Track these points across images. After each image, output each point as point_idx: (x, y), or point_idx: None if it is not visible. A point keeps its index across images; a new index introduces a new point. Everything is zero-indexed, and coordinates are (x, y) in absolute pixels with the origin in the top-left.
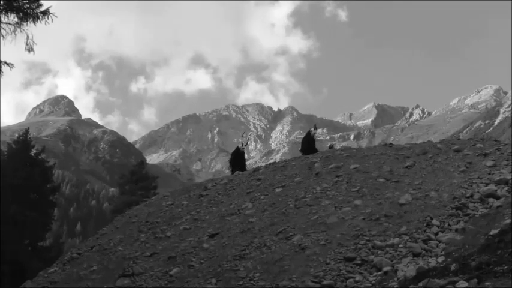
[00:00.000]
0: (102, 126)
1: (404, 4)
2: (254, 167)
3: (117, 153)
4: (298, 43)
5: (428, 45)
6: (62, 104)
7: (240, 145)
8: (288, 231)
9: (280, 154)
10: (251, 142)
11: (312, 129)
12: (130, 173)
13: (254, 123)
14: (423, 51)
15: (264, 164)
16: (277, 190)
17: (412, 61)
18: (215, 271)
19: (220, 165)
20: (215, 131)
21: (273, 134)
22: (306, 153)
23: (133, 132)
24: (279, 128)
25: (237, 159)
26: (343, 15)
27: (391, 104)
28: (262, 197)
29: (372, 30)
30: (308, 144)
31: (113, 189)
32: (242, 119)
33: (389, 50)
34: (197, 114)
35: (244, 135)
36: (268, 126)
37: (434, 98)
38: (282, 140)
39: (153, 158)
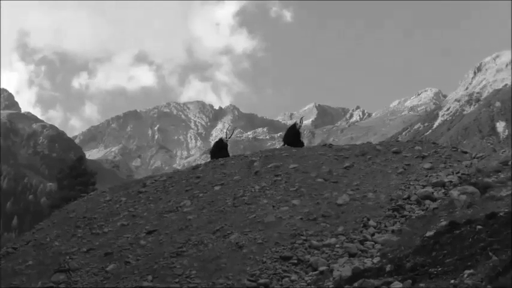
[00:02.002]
0: (41, 121)
1: (348, 4)
2: (193, 164)
3: (56, 148)
4: (243, 43)
5: (370, 47)
6: (2, 98)
7: (224, 136)
8: (225, 230)
9: None
10: (191, 140)
11: (298, 122)
12: (69, 168)
13: (195, 121)
14: (365, 53)
15: (203, 162)
16: (216, 188)
17: (354, 63)
18: (151, 268)
19: (159, 162)
20: (155, 128)
21: (214, 132)
22: (291, 146)
23: (75, 128)
24: (219, 126)
25: (220, 151)
26: (288, 15)
27: (331, 105)
28: (200, 195)
29: (316, 31)
30: (293, 137)
31: (51, 184)
32: (183, 116)
33: (332, 51)
34: (138, 110)
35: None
36: (209, 124)
37: (375, 100)
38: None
39: (93, 154)
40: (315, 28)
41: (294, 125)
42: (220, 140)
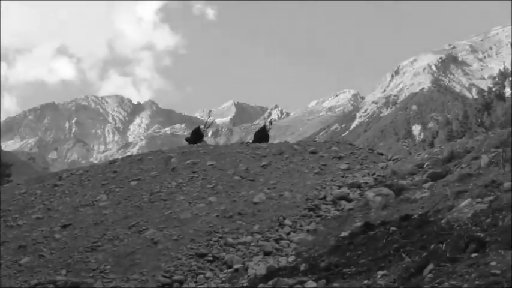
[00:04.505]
0: None
1: (271, 4)
2: (110, 159)
3: None
4: (165, 39)
5: (290, 47)
6: None
7: (202, 126)
8: (141, 225)
9: (137, 147)
10: (108, 134)
11: (268, 124)
12: None
13: (113, 115)
14: (285, 53)
15: (120, 157)
16: (133, 183)
17: (275, 62)
18: (66, 262)
19: (76, 155)
20: (73, 121)
21: (131, 127)
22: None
23: None
24: (137, 121)
25: (197, 139)
26: (211, 13)
27: (250, 103)
28: (117, 190)
29: (238, 30)
30: (262, 136)
31: None
32: (101, 110)
33: (253, 49)
34: (55, 103)
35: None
36: (127, 118)
37: (294, 100)
38: (140, 133)
39: (8, 145)
40: (237, 27)
41: (264, 127)
42: (198, 128)
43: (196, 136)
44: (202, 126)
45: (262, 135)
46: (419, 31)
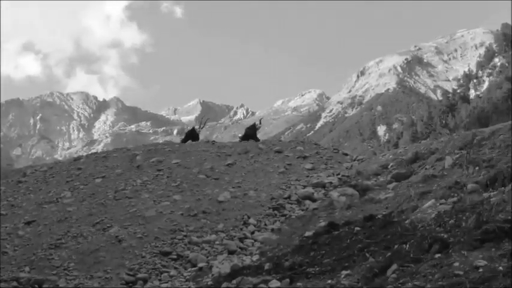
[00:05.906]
0: None
1: (237, 4)
2: (75, 156)
3: None
4: (132, 37)
5: (256, 46)
6: None
7: (196, 127)
8: (105, 223)
9: (102, 144)
10: (73, 131)
11: (257, 122)
12: None
13: (78, 112)
14: (252, 52)
15: (85, 154)
16: (98, 181)
17: (240, 61)
18: (29, 259)
19: (41, 152)
20: (38, 117)
21: (97, 124)
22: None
23: None
24: (103, 118)
25: (192, 139)
26: (178, 12)
27: (216, 102)
28: (81, 187)
29: (206, 28)
30: (252, 133)
31: None
32: (66, 106)
33: (220, 48)
34: (20, 99)
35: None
36: (92, 115)
37: (259, 99)
38: (105, 131)
39: None
40: (205, 25)
41: (254, 125)
42: (193, 129)
43: (192, 136)
44: (197, 127)
45: (251, 132)
46: (385, 32)
